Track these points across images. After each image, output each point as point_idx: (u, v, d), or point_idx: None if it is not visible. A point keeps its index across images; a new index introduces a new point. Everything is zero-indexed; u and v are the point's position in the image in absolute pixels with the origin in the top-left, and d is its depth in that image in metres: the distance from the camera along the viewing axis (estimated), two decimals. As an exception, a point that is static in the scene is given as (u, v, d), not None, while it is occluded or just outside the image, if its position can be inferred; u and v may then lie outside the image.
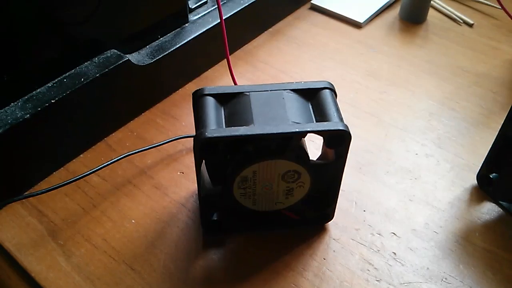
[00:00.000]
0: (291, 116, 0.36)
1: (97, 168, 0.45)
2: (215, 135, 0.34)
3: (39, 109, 0.42)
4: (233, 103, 0.38)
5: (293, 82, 0.39)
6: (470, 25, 0.68)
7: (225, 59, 0.60)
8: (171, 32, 0.54)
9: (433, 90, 0.58)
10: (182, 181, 0.46)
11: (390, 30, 0.67)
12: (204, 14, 0.57)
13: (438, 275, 0.40)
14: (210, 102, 0.37)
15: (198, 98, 0.38)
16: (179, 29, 0.55)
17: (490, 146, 0.44)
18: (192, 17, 0.57)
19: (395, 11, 0.70)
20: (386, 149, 0.50)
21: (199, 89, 0.38)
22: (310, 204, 0.41)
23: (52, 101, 0.43)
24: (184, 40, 0.53)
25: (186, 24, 0.55)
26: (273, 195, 0.39)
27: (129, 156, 0.47)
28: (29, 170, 0.44)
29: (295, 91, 0.38)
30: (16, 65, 0.43)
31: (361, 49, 0.64)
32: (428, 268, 0.41)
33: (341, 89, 0.57)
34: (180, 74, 0.56)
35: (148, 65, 0.50)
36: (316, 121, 0.37)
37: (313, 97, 0.39)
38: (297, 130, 0.35)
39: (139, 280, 0.39)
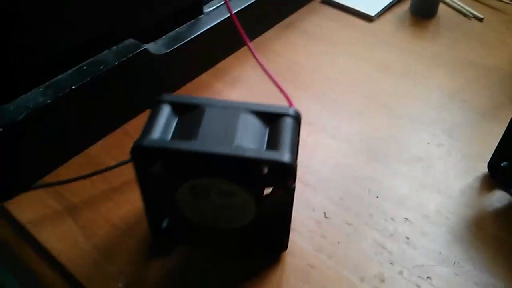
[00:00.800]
0: (240, 139, 0.34)
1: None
2: (151, 145, 0.33)
3: (60, 94, 0.43)
4: (188, 115, 0.36)
5: (257, 103, 0.37)
6: (480, 20, 0.69)
7: (240, 50, 0.61)
8: (187, 23, 0.55)
9: (443, 82, 0.58)
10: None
11: (401, 24, 0.68)
12: (218, 6, 0.58)
13: (450, 259, 0.41)
14: (165, 110, 0.36)
15: (155, 104, 0.36)
16: (194, 20, 0.56)
17: (501, 136, 0.45)
18: (207, 9, 0.58)
19: (406, 5, 0.71)
20: (398, 139, 0.51)
21: (159, 96, 0.37)
22: (262, 229, 0.38)
23: (72, 87, 0.44)
24: (199, 31, 0.54)
25: (201, 16, 0.56)
26: (217, 212, 0.37)
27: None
28: (50, 155, 0.45)
29: (254, 113, 0.36)
30: (38, 52, 0.44)
31: (372, 42, 0.64)
32: (440, 252, 0.41)
33: (354, 81, 0.58)
34: (196, 64, 0.57)
35: (164, 54, 0.51)
36: (266, 149, 0.34)
37: (273, 122, 0.36)
38: (237, 154, 0.33)
39: (160, 260, 0.40)
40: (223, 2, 0.60)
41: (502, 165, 0.47)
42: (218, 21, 0.56)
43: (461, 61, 0.62)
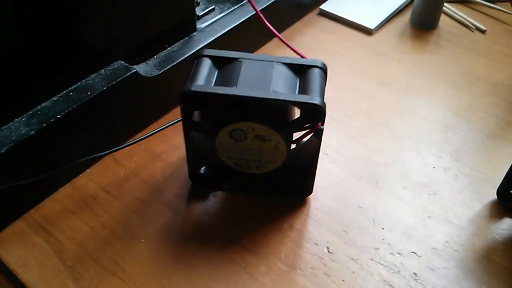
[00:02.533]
0: (274, 86, 0.38)
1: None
2: (197, 90, 0.37)
3: (44, 125, 0.40)
4: (227, 67, 0.40)
5: (287, 57, 0.41)
6: (483, 32, 0.67)
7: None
8: (179, 42, 0.52)
9: (448, 99, 0.56)
10: (192, 199, 0.45)
11: (401, 37, 0.65)
12: (212, 22, 0.56)
13: (460, 297, 0.39)
14: (206, 62, 0.40)
15: (197, 58, 0.41)
16: (187, 38, 0.53)
17: (511, 163, 0.43)
18: (200, 24, 0.56)
19: (406, 17, 0.69)
20: (402, 163, 0.49)
21: (200, 50, 0.42)
22: (290, 174, 0.44)
23: (58, 116, 0.41)
24: (193, 49, 0.52)
25: (194, 33, 0.54)
26: (251, 155, 0.41)
27: (138, 171, 0.46)
28: (34, 187, 0.43)
29: (286, 64, 0.40)
30: (20, 78, 0.41)
31: (372, 56, 0.62)
32: (450, 290, 0.39)
33: (354, 98, 0.56)
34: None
35: (156, 76, 0.48)
36: (299, 94, 0.39)
37: (303, 73, 0.40)
38: (273, 97, 0.37)
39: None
40: (217, 17, 0.57)
41: (511, 192, 0.45)
42: (213, 38, 0.53)
43: (466, 76, 0.59)
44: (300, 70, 0.41)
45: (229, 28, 0.55)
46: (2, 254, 0.40)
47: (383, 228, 0.43)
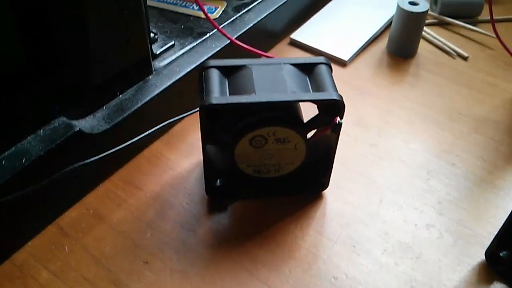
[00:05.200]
0: (290, 87, 0.38)
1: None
2: (219, 102, 0.37)
3: (-29, 203, 0.35)
4: (236, 75, 0.40)
5: (291, 58, 0.43)
6: (465, 58, 0.62)
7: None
8: (132, 88, 0.47)
9: (429, 140, 0.52)
10: (146, 275, 0.39)
11: (378, 67, 0.61)
12: (171, 62, 0.50)
13: None
14: (215, 73, 0.40)
15: (204, 70, 0.40)
16: (141, 82, 0.48)
17: (502, 223, 0.39)
18: (158, 63, 0.50)
19: (383, 43, 0.64)
20: (381, 220, 0.44)
21: (205, 61, 0.42)
22: (307, 172, 0.44)
23: (-13, 191, 0.35)
24: (148, 96, 0.46)
25: (150, 76, 0.48)
26: (270, 160, 0.41)
27: (85, 242, 0.41)
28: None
29: (293, 65, 0.41)
30: None
31: (346, 91, 0.57)
32: None
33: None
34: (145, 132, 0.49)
35: (104, 131, 0.43)
36: (313, 92, 0.39)
37: (311, 71, 0.41)
38: (295, 98, 0.38)
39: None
40: (177, 54, 0.52)
41: (501, 254, 0.40)
42: (171, 82, 0.48)
43: (448, 111, 0.55)
44: (307, 69, 0.41)
45: (189, 69, 0.50)
46: None
47: (361, 304, 0.38)
